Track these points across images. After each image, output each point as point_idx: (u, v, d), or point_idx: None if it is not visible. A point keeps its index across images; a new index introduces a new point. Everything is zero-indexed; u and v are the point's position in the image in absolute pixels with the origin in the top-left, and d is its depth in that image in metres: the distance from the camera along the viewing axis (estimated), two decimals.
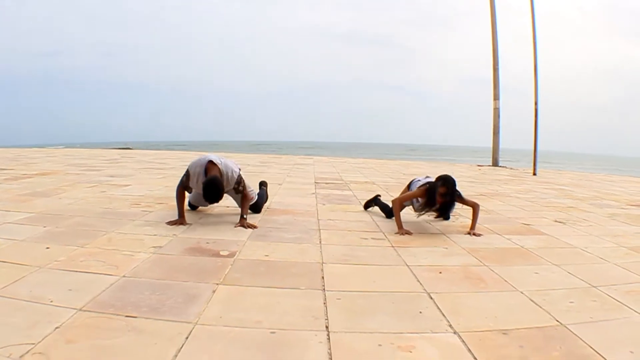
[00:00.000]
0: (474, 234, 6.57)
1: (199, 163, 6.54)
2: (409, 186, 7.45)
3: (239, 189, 6.73)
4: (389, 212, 7.50)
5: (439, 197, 6.55)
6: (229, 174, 6.61)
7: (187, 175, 6.60)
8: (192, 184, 6.60)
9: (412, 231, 6.49)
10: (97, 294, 3.66)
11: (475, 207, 6.85)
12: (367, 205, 8.12)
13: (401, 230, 6.49)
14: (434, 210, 6.72)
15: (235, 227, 6.32)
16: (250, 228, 6.30)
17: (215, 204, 6.89)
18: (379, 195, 8.22)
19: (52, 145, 43.96)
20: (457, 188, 6.71)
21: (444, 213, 6.86)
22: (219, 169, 6.45)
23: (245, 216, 6.54)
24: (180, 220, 6.41)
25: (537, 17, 21.06)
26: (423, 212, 6.78)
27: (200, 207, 7.42)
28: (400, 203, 6.90)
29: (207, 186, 6.20)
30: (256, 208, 7.34)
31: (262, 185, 8.41)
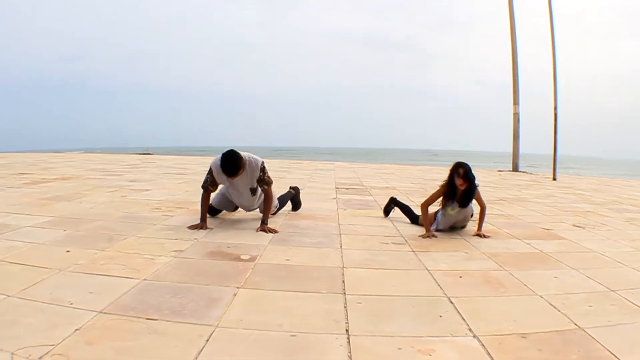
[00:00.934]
0: (483, 236, 6.63)
1: (219, 157, 6.54)
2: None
3: (264, 179, 6.72)
4: (412, 217, 7.50)
5: (459, 179, 6.59)
6: (252, 160, 6.62)
7: (210, 172, 6.63)
8: (217, 178, 6.63)
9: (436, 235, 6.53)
10: (117, 297, 3.70)
11: (484, 209, 6.90)
12: (387, 210, 8.07)
13: (428, 233, 6.54)
14: (457, 201, 6.72)
15: (256, 231, 6.35)
16: (272, 233, 6.32)
17: (236, 210, 6.93)
18: (394, 198, 8.18)
19: (70, 150, 44.27)
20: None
21: (466, 199, 6.75)
22: (240, 155, 6.44)
23: (266, 222, 6.56)
24: (202, 225, 6.44)
25: (555, 18, 20.95)
26: (447, 207, 6.77)
27: (221, 213, 7.41)
28: (426, 206, 6.90)
29: (225, 156, 6.32)
30: (283, 204, 7.35)
31: (292, 189, 8.35)
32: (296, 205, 8.18)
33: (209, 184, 6.69)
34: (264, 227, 6.44)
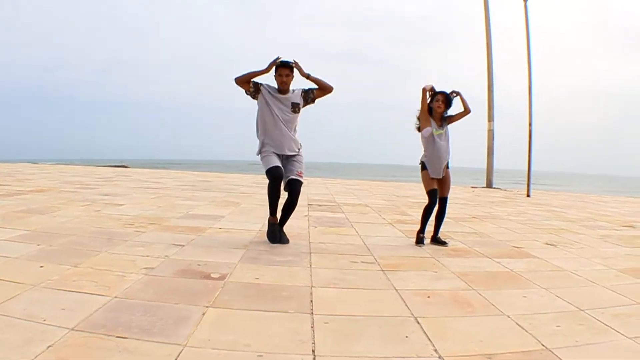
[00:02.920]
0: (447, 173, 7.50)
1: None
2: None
3: (310, 93, 7.07)
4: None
5: (437, 103, 7.33)
6: (294, 89, 7.05)
7: (257, 84, 6.95)
8: (264, 93, 6.93)
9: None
10: (89, 314, 3.69)
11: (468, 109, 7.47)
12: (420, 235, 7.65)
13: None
14: (435, 120, 7.38)
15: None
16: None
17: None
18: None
19: (44, 161, 43.96)
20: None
21: (443, 120, 7.43)
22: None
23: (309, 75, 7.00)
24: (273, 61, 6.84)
25: (532, 36, 21.15)
26: (432, 128, 7.33)
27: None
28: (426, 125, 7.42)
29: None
30: (295, 192, 7.16)
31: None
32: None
33: (252, 85, 6.94)
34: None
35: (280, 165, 6.85)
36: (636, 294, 5.07)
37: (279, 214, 7.09)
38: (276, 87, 6.85)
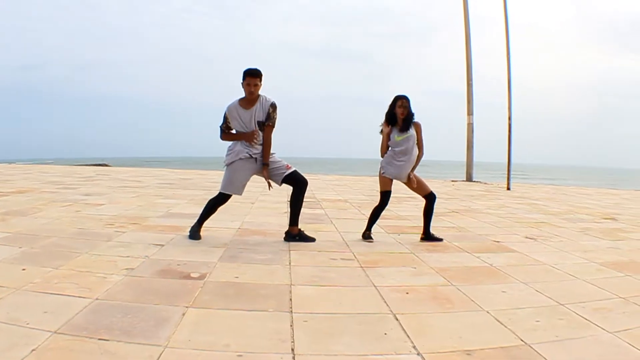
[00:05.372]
0: (415, 177, 7.43)
1: (231, 102, 6.98)
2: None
3: (272, 116, 6.92)
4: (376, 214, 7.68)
5: (399, 109, 7.32)
6: (266, 96, 6.92)
7: (224, 118, 6.96)
8: (230, 116, 6.93)
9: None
10: (71, 317, 3.70)
11: (421, 154, 7.54)
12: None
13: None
14: (399, 126, 7.40)
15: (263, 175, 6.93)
16: (267, 182, 7.02)
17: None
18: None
19: (24, 160, 43.71)
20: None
21: (406, 124, 7.39)
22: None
23: (267, 163, 6.88)
24: (252, 131, 6.87)
25: (512, 29, 21.19)
26: (394, 134, 7.41)
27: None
28: (383, 149, 7.58)
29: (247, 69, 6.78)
30: (299, 180, 7.17)
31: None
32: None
33: (224, 127, 7.02)
34: (265, 172, 6.89)
35: (241, 191, 7.08)
36: (617, 288, 5.13)
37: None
38: (243, 95, 6.86)
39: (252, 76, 6.72)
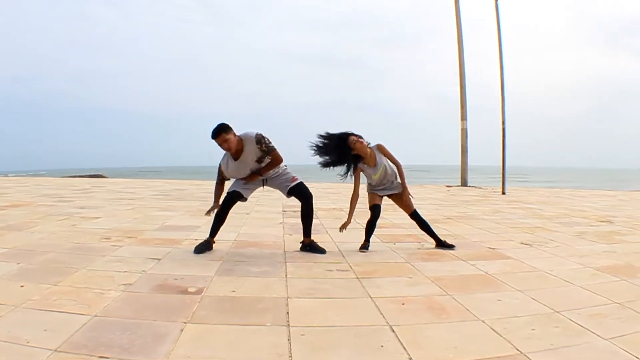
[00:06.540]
0: (408, 193, 7.58)
1: (222, 158, 7.01)
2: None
3: (265, 150, 6.83)
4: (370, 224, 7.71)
5: (356, 144, 7.22)
6: (247, 134, 6.79)
7: (219, 170, 7.08)
8: (226, 172, 7.01)
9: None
10: (70, 334, 3.71)
11: (399, 167, 7.51)
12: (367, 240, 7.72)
13: (348, 221, 7.56)
14: (368, 163, 7.41)
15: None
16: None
17: (249, 194, 7.25)
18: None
19: (18, 172, 43.65)
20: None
21: (374, 157, 7.37)
22: (225, 124, 6.72)
23: (262, 175, 7.03)
24: (215, 205, 7.09)
25: (505, 31, 21.23)
26: (369, 176, 7.51)
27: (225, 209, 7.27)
28: (355, 194, 7.58)
29: (211, 132, 6.62)
30: (302, 193, 7.34)
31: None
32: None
33: (221, 177, 7.13)
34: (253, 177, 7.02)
35: (239, 191, 7.14)
36: (612, 293, 5.13)
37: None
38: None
39: (217, 137, 6.61)
